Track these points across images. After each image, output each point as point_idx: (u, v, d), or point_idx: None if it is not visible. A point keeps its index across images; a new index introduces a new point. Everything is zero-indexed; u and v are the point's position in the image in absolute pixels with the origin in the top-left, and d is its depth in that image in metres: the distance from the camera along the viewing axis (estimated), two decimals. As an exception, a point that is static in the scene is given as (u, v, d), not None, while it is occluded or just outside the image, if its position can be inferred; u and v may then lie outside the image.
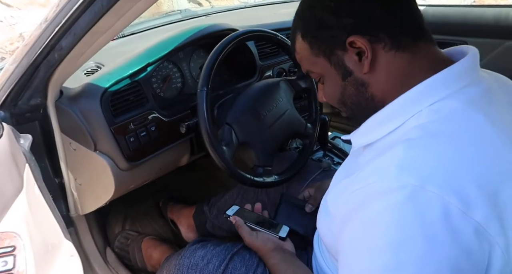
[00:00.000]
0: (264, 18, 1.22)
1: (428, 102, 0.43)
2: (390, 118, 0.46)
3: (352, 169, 0.50)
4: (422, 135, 0.41)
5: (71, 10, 0.53)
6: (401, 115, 0.45)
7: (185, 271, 0.68)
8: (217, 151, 0.74)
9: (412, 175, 0.37)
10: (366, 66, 0.47)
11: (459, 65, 0.45)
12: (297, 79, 0.95)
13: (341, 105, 0.54)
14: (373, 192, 0.39)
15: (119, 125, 0.77)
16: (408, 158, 0.39)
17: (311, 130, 0.94)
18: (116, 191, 0.84)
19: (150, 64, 0.84)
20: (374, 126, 0.48)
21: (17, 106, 0.70)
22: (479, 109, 0.42)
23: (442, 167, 0.38)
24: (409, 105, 0.45)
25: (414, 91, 0.45)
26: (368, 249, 0.39)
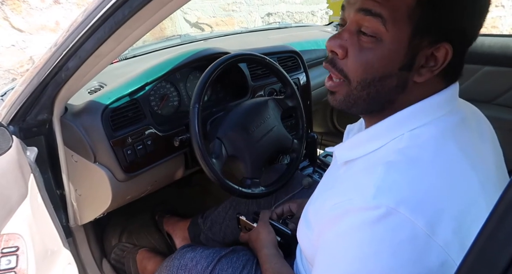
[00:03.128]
0: (258, 42, 1.32)
1: (410, 127, 0.45)
2: (374, 138, 0.48)
3: (332, 182, 0.53)
4: (401, 160, 0.43)
5: (78, 36, 0.61)
6: (385, 137, 0.47)
7: (174, 271, 0.72)
8: (207, 163, 0.80)
9: (388, 197, 0.39)
10: (425, 76, 0.45)
11: (443, 94, 0.47)
12: (284, 99, 1.02)
13: (358, 81, 0.47)
14: (351, 207, 0.41)
15: (118, 139, 0.83)
16: (386, 180, 0.41)
17: (298, 145, 1.00)
18: (113, 201, 0.89)
19: (148, 84, 0.92)
20: (359, 143, 0.50)
21: (25, 122, 0.77)
22: (453, 138, 0.45)
23: (416, 193, 0.40)
24: (393, 128, 0.47)
25: (400, 115, 0.47)
26: (339, 259, 0.42)
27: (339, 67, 0.48)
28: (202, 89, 0.82)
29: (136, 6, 0.53)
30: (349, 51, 0.46)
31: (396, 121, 0.47)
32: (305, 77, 1.28)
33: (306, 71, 1.28)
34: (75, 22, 0.62)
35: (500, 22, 3.18)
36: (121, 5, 0.53)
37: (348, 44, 0.46)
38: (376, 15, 0.43)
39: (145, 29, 0.60)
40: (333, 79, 0.49)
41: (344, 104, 0.50)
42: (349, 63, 0.46)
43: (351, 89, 0.48)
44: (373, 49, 0.44)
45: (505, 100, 1.25)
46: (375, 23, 0.43)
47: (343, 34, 0.47)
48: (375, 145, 0.47)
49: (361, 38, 0.45)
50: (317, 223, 0.49)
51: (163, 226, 1.21)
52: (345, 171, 0.51)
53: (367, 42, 0.44)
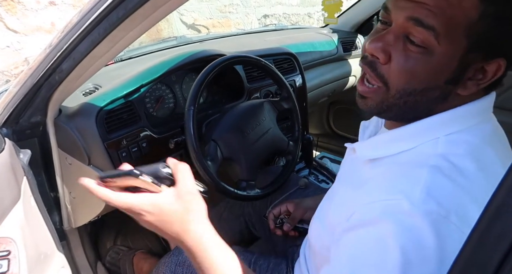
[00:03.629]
0: (254, 44, 1.32)
1: (445, 132, 0.44)
2: (402, 140, 0.46)
3: (358, 179, 0.50)
4: (447, 166, 0.41)
5: (72, 38, 0.60)
6: (415, 139, 0.45)
7: (173, 267, 0.72)
8: (202, 165, 0.80)
9: (439, 203, 0.37)
10: (470, 89, 0.43)
11: (481, 102, 0.45)
12: (280, 101, 1.02)
13: (398, 90, 0.44)
14: (396, 209, 0.39)
15: (112, 141, 0.83)
16: (435, 185, 0.39)
17: (293, 147, 1.00)
18: (107, 204, 0.88)
19: (143, 86, 0.91)
20: (385, 143, 0.48)
21: (18, 124, 0.76)
22: (491, 146, 0.44)
23: (464, 203, 0.38)
24: (426, 132, 0.45)
25: (435, 119, 0.45)
26: (373, 264, 0.39)
27: (380, 72, 0.44)
28: (198, 91, 0.82)
29: (131, 8, 0.52)
30: (393, 57, 0.43)
31: (429, 125, 0.45)
32: (301, 79, 1.29)
33: (302, 73, 1.28)
34: (70, 23, 0.62)
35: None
36: (116, 7, 0.53)
37: (392, 50, 0.43)
38: (428, 27, 0.39)
39: (140, 31, 0.59)
40: (367, 85, 0.46)
41: (375, 110, 0.47)
42: (391, 70, 0.43)
43: (388, 97, 0.45)
44: (421, 60, 0.41)
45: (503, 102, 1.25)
46: (426, 35, 0.40)
47: (387, 37, 0.43)
48: (404, 146, 0.46)
49: (408, 45, 0.42)
50: (339, 221, 0.46)
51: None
52: (371, 168, 0.49)
53: (415, 52, 0.41)
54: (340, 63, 1.57)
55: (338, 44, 1.55)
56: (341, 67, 1.57)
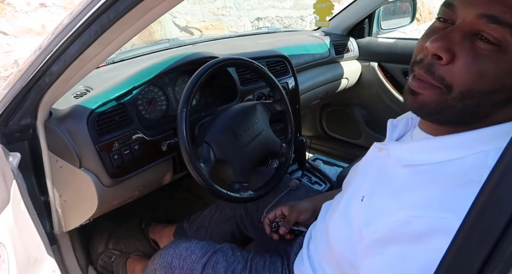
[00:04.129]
0: (246, 47, 1.32)
1: (496, 146, 0.40)
2: (452, 148, 0.43)
3: (395, 185, 0.47)
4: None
5: (62, 40, 0.60)
6: (466, 149, 0.42)
7: (169, 259, 0.72)
8: (195, 167, 0.80)
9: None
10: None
11: None
12: (273, 103, 1.02)
13: (461, 91, 0.41)
14: (444, 228, 0.37)
15: (104, 143, 0.82)
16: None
17: (286, 149, 1.00)
18: (99, 207, 0.87)
19: (135, 88, 0.91)
20: (431, 150, 0.45)
21: (8, 127, 0.75)
22: None
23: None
24: (478, 142, 0.42)
25: (491, 130, 0.42)
26: None
27: (439, 75, 0.41)
28: (190, 94, 0.82)
29: (122, 10, 0.52)
30: (458, 56, 0.40)
31: (483, 135, 0.42)
32: (293, 82, 1.29)
33: (294, 75, 1.29)
34: (61, 25, 0.61)
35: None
36: (107, 9, 0.53)
37: (457, 49, 0.40)
38: (504, 24, 0.37)
39: (131, 33, 0.59)
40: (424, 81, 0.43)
41: (426, 110, 0.44)
42: (455, 70, 0.40)
43: (447, 98, 0.42)
44: (492, 58, 0.38)
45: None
46: (501, 32, 0.37)
47: (452, 35, 0.40)
48: (450, 155, 0.43)
49: (477, 43, 0.39)
50: (378, 225, 0.44)
51: (149, 234, 1.20)
52: (412, 174, 0.46)
53: (486, 50, 0.39)
54: (333, 65, 1.59)
55: (330, 47, 1.56)
56: (333, 69, 1.58)
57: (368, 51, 1.64)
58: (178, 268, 0.74)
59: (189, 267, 0.74)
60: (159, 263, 0.77)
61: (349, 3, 1.60)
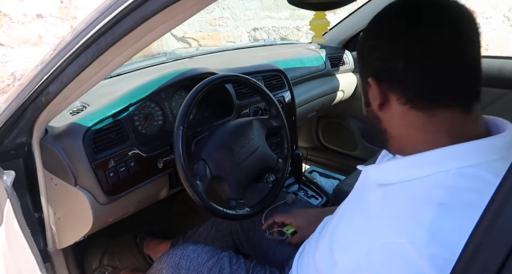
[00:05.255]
0: (243, 60, 1.33)
1: (458, 165, 0.43)
2: (414, 167, 0.46)
3: (366, 209, 0.50)
4: (454, 204, 0.40)
5: (60, 61, 0.60)
6: (427, 168, 0.44)
7: (177, 260, 0.74)
8: (191, 185, 0.80)
9: (445, 246, 0.37)
10: (375, 106, 0.49)
11: (497, 138, 0.45)
12: (269, 118, 1.03)
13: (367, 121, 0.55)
14: (397, 252, 0.39)
15: (100, 161, 0.82)
16: (439, 225, 0.39)
17: (282, 165, 1.00)
18: (94, 224, 0.87)
19: (132, 104, 0.91)
20: (397, 169, 0.48)
21: (2, 145, 0.75)
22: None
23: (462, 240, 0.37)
24: (438, 162, 0.44)
25: (448, 150, 0.44)
26: None
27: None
28: (187, 111, 0.82)
29: (119, 34, 0.53)
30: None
31: (441, 154, 0.44)
32: (290, 95, 1.30)
33: (291, 89, 1.30)
34: (63, 41, 0.61)
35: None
36: (104, 33, 0.53)
37: None
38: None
39: (128, 55, 0.59)
40: None
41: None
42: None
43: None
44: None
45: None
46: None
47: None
48: (416, 173, 0.45)
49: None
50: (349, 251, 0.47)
51: (144, 249, 1.18)
52: (382, 197, 0.48)
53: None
54: (328, 78, 1.60)
55: (326, 60, 1.57)
56: (329, 82, 1.59)
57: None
58: (185, 269, 0.76)
59: (195, 269, 0.76)
60: (166, 263, 0.79)
61: (345, 16, 1.63)
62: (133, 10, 0.49)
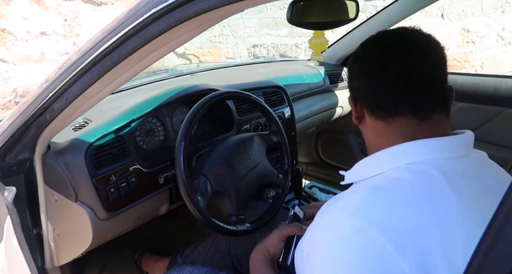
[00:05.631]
0: (243, 77, 1.35)
1: (407, 161, 0.49)
2: (373, 165, 0.53)
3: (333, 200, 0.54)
4: (388, 187, 0.47)
5: (66, 79, 0.61)
6: (383, 165, 0.51)
7: None
8: (192, 200, 0.80)
9: (365, 216, 0.44)
10: (354, 119, 0.60)
11: (448, 139, 0.51)
12: (269, 134, 1.04)
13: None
14: (331, 223, 0.46)
15: (101, 177, 0.82)
16: (367, 201, 0.46)
17: (283, 180, 1.00)
18: (93, 241, 0.86)
19: (134, 120, 0.92)
20: (361, 168, 0.55)
21: (5, 161, 0.75)
22: (450, 183, 0.46)
23: (391, 217, 0.43)
24: (390, 159, 0.51)
25: (399, 148, 0.51)
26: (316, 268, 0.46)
27: None
28: (188, 127, 0.83)
29: (125, 53, 0.54)
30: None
31: (393, 152, 0.51)
32: (289, 111, 1.31)
33: (290, 105, 1.31)
34: (69, 61, 0.62)
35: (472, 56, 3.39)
36: (110, 52, 0.55)
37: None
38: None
39: (132, 73, 0.61)
40: None
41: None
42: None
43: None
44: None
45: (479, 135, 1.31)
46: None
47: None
48: (374, 171, 0.52)
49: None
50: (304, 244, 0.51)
51: (142, 266, 1.17)
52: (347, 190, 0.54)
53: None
54: (327, 94, 1.62)
55: (325, 77, 1.60)
56: (328, 98, 1.61)
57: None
58: None
59: None
60: None
61: (343, 33, 1.66)
62: (139, 31, 0.50)
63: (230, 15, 0.50)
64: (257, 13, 3.30)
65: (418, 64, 0.52)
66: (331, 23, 0.93)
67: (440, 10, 3.28)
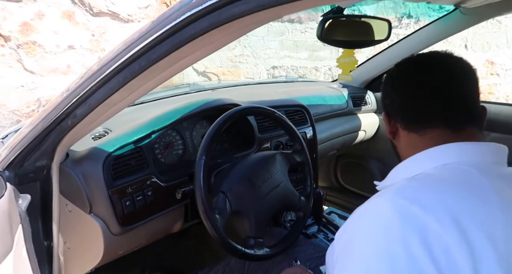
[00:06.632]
0: (265, 95, 1.33)
1: (443, 161, 0.51)
2: (409, 167, 0.55)
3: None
4: (426, 177, 0.50)
5: (90, 85, 0.60)
6: (419, 167, 0.53)
7: None
8: (210, 218, 0.75)
9: (405, 197, 0.45)
10: (388, 134, 0.64)
11: (483, 145, 0.53)
12: (292, 153, 0.99)
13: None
14: (370, 205, 0.48)
15: (117, 188, 0.79)
16: (406, 187, 0.48)
17: (305, 203, 0.95)
18: (104, 256, 0.82)
19: (155, 132, 0.90)
20: (398, 172, 0.57)
21: (23, 167, 0.73)
22: (489, 179, 0.47)
23: (431, 197, 0.44)
24: (427, 160, 0.53)
25: (434, 150, 0.53)
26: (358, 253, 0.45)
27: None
28: (211, 141, 0.80)
29: (154, 59, 0.52)
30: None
31: (428, 155, 0.53)
32: (311, 131, 1.28)
33: (313, 125, 1.28)
34: (90, 70, 0.61)
35: (496, 89, 3.31)
36: (138, 57, 0.53)
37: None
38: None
39: (159, 81, 0.59)
40: None
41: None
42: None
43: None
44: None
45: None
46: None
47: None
48: (412, 172, 0.53)
49: None
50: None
51: (151, 285, 1.11)
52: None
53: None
54: (350, 117, 1.58)
55: (348, 99, 1.56)
56: (351, 121, 1.57)
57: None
58: None
59: None
60: None
61: (367, 54, 1.64)
62: (171, 35, 0.48)
63: (266, 21, 0.47)
64: (278, 36, 3.34)
65: (450, 83, 0.55)
66: (362, 42, 0.90)
67: (463, 41, 3.25)
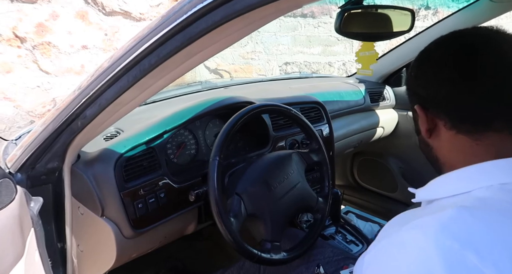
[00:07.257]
0: (279, 92, 1.29)
1: (501, 181, 0.41)
2: (457, 182, 0.45)
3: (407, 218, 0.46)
4: (478, 206, 0.39)
5: (100, 84, 0.57)
6: (470, 183, 0.43)
7: None
8: (224, 222, 0.72)
9: (454, 238, 0.36)
10: (424, 132, 0.50)
11: None
12: (309, 152, 0.95)
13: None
14: (408, 240, 0.38)
15: (129, 190, 0.77)
16: (454, 220, 0.37)
17: (323, 204, 0.91)
18: (117, 260, 0.80)
19: (167, 132, 0.87)
20: (441, 185, 0.48)
21: (34, 169, 0.72)
22: None
23: (488, 237, 0.36)
24: (480, 176, 0.43)
25: (491, 165, 0.43)
26: None
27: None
28: (224, 141, 0.77)
29: (164, 56, 0.49)
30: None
31: (483, 169, 0.43)
32: (328, 129, 1.23)
33: (329, 122, 1.23)
34: (101, 68, 0.59)
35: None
36: (149, 54, 0.50)
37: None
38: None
39: (170, 79, 0.56)
40: None
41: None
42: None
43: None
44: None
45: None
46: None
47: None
48: (459, 189, 0.44)
49: None
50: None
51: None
52: (422, 209, 0.47)
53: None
54: (368, 113, 1.52)
55: (365, 94, 1.51)
56: (368, 117, 1.51)
57: (406, 100, 1.57)
58: None
59: None
60: None
61: (386, 51, 1.58)
62: (182, 30, 0.45)
63: (285, 12, 0.43)
64: (291, 31, 3.28)
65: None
66: (383, 34, 0.85)
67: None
